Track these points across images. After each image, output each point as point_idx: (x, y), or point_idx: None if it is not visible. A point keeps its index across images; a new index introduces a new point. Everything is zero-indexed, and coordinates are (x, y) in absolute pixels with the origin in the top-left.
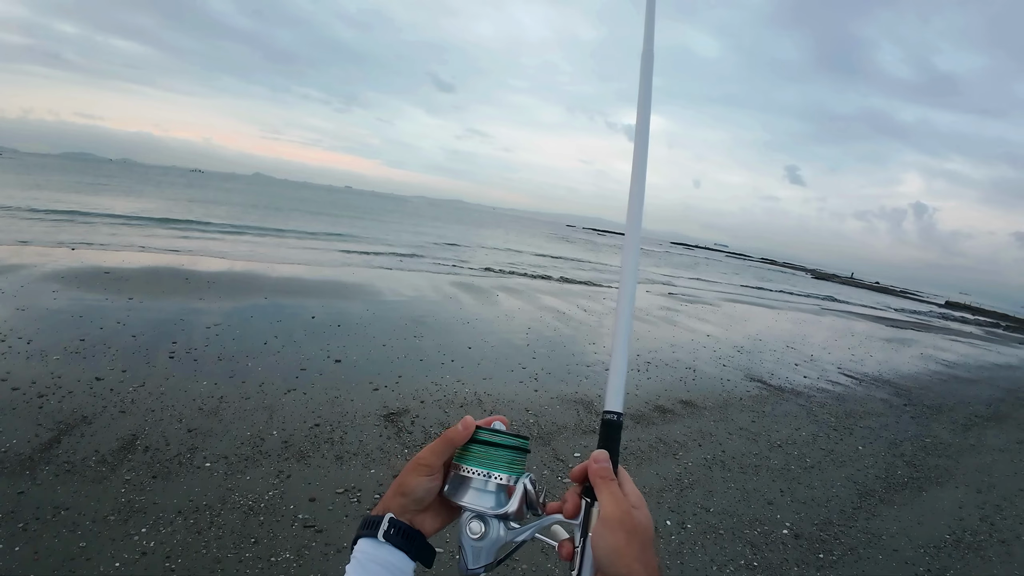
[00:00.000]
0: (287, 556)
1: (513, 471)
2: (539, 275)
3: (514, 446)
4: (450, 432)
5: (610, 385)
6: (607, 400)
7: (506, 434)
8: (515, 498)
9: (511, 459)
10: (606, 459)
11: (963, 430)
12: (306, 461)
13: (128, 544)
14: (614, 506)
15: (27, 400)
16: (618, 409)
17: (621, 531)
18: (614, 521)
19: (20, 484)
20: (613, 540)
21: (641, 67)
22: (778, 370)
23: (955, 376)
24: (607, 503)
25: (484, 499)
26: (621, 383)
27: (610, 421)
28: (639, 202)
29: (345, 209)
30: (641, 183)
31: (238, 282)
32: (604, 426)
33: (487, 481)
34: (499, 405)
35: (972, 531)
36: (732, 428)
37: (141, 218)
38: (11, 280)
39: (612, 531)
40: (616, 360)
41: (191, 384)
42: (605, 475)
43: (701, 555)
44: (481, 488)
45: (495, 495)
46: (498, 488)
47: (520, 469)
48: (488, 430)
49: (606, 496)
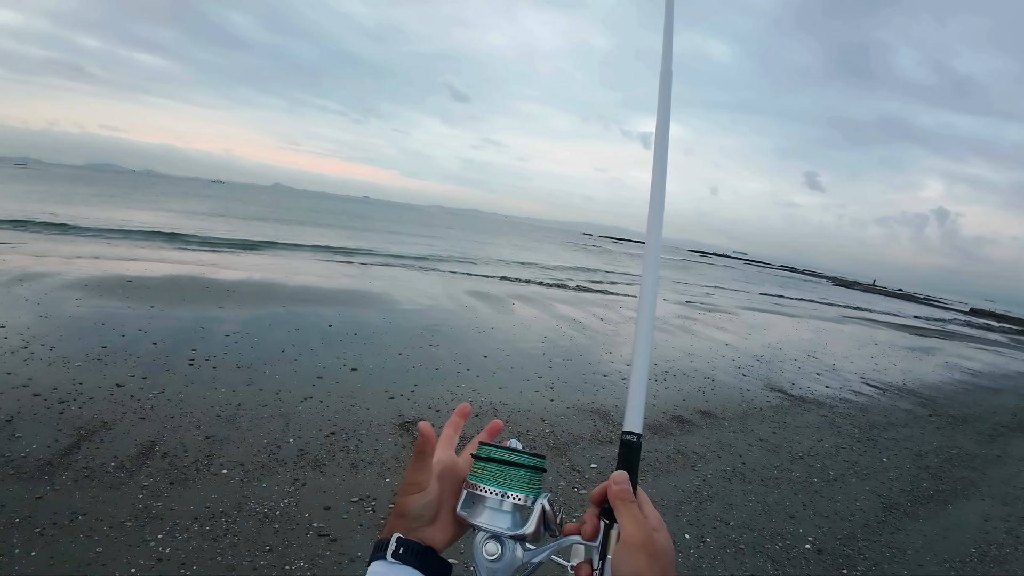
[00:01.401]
0: (301, 565)
1: (531, 491)
2: (555, 283)
3: (531, 465)
4: (417, 445)
5: (629, 405)
6: (627, 420)
7: (523, 453)
8: (532, 519)
9: (528, 479)
10: (626, 480)
11: (988, 441)
12: (321, 469)
13: (144, 550)
14: (636, 529)
15: (48, 406)
16: (637, 430)
17: (643, 554)
18: (636, 544)
19: (39, 489)
20: (635, 564)
21: (660, 85)
22: (799, 380)
23: (980, 385)
24: (628, 526)
25: (500, 519)
26: (641, 403)
27: (630, 442)
28: (658, 221)
29: (363, 220)
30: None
31: (257, 291)
32: (623, 447)
33: (503, 501)
34: (515, 415)
35: (998, 544)
36: (752, 439)
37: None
38: (35, 288)
39: (634, 554)
40: (635, 380)
41: (209, 391)
42: (626, 497)
43: (721, 570)
44: (496, 508)
45: (511, 515)
46: (514, 508)
47: (537, 489)
48: (504, 448)
49: (627, 519)
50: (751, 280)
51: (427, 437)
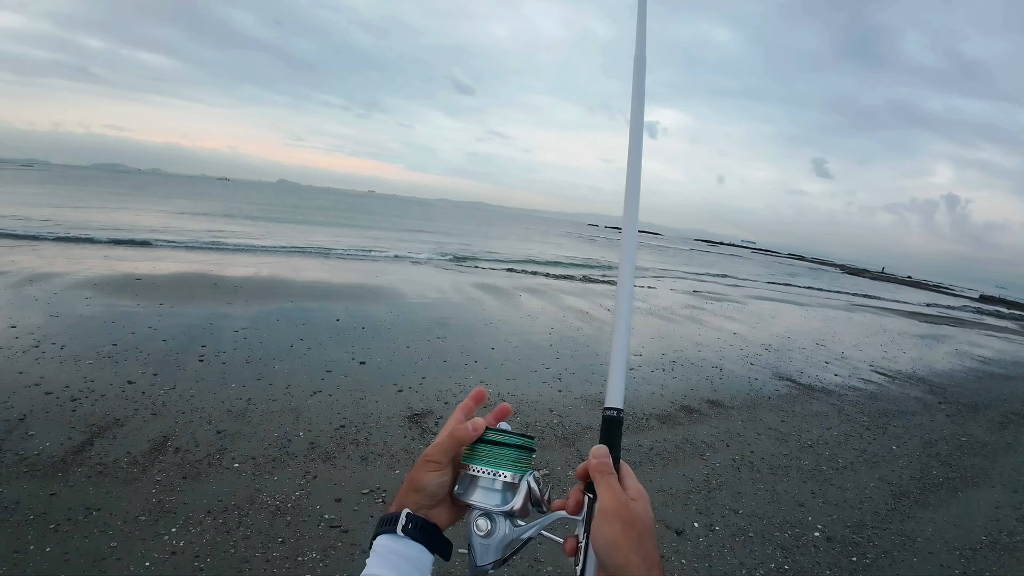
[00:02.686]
0: (313, 556)
1: (518, 469)
2: (561, 275)
3: (519, 445)
4: (459, 431)
5: (610, 381)
6: (607, 396)
7: (512, 434)
8: (519, 495)
9: (516, 458)
10: (605, 454)
11: (999, 428)
12: (332, 462)
13: (158, 544)
14: (611, 498)
15: (60, 404)
16: (618, 405)
17: (617, 522)
18: (610, 512)
19: (52, 486)
20: (610, 531)
21: (634, 71)
22: (808, 368)
23: (991, 373)
24: (605, 496)
25: (491, 497)
26: (621, 379)
27: (610, 418)
28: (635, 202)
29: (369, 214)
30: (636, 183)
31: (265, 287)
32: (605, 423)
33: (494, 480)
34: (523, 406)
35: (1008, 532)
36: (761, 428)
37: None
38: (45, 287)
39: (609, 522)
40: (616, 356)
41: (220, 387)
42: (604, 469)
43: (730, 558)
44: (488, 487)
45: (501, 493)
46: (504, 486)
47: (525, 467)
48: (495, 430)
49: (604, 489)
50: (759, 268)
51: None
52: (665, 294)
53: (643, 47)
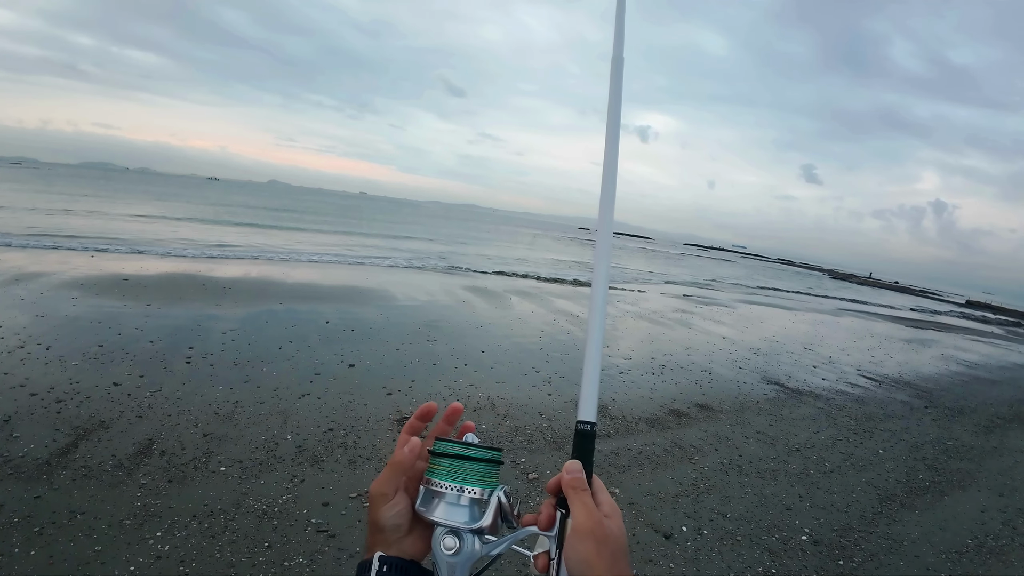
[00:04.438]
0: (300, 561)
1: (487, 484)
2: (552, 278)
3: (487, 459)
4: (396, 459)
5: (583, 395)
6: (580, 410)
7: (478, 447)
8: (489, 512)
9: (484, 472)
10: (579, 470)
11: (985, 432)
12: (320, 465)
13: (143, 548)
14: (585, 516)
15: (45, 405)
16: (591, 419)
17: (591, 541)
18: (585, 531)
19: (37, 489)
20: (584, 550)
21: (611, 72)
22: (796, 372)
23: (976, 377)
24: (579, 513)
25: (457, 513)
26: (594, 393)
27: (583, 431)
28: (610, 208)
29: (361, 217)
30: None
31: (254, 288)
32: (577, 436)
33: (460, 495)
34: (513, 409)
35: (994, 535)
36: (749, 432)
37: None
38: (31, 287)
39: (583, 541)
40: (588, 370)
41: (207, 389)
42: (577, 485)
43: (718, 562)
44: (454, 503)
45: (469, 509)
46: (471, 502)
47: (494, 482)
48: (459, 443)
49: (578, 506)
50: (748, 272)
51: (412, 455)
52: (655, 297)
53: (620, 48)
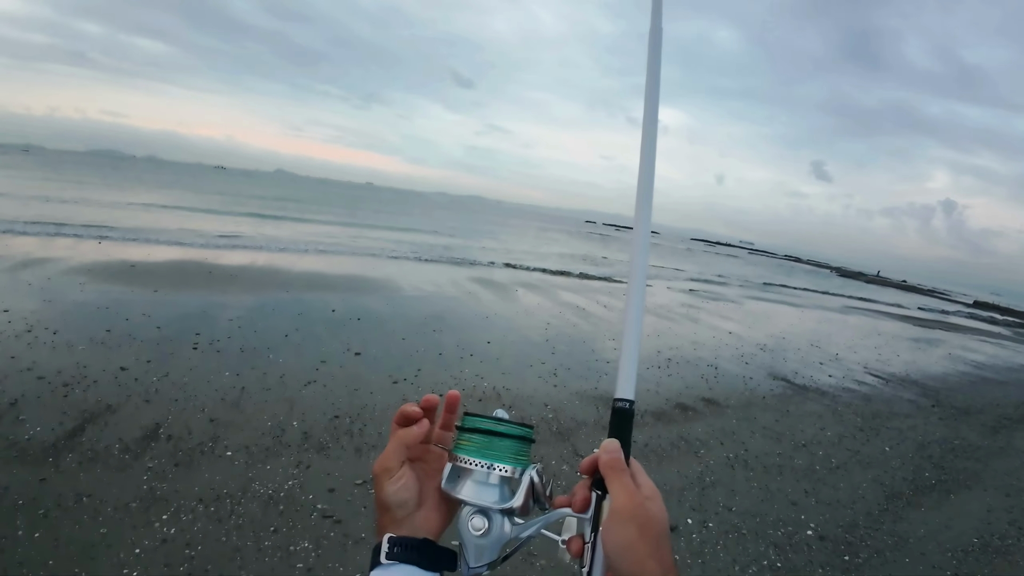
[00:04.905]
0: (306, 545)
1: (519, 462)
2: (558, 271)
3: (518, 435)
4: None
5: (621, 371)
6: (618, 387)
7: (509, 423)
8: (521, 492)
9: (516, 449)
10: (617, 449)
11: (992, 432)
12: (325, 452)
13: (149, 531)
14: (626, 498)
15: (52, 389)
16: (630, 396)
17: (633, 524)
18: (626, 514)
19: (43, 472)
20: (625, 534)
21: (649, 45)
22: (802, 369)
23: (984, 377)
24: (619, 495)
25: (487, 493)
26: (633, 369)
27: (621, 409)
28: (648, 190)
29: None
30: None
31: (260, 276)
32: (615, 414)
33: (489, 473)
34: (518, 400)
35: (1000, 535)
36: (755, 427)
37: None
38: (39, 273)
39: (624, 524)
40: (627, 345)
41: (214, 375)
42: (616, 465)
43: (723, 555)
44: (483, 481)
45: (499, 488)
46: (501, 481)
47: (526, 460)
48: (489, 418)
49: (617, 488)
50: (754, 268)
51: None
52: (662, 292)
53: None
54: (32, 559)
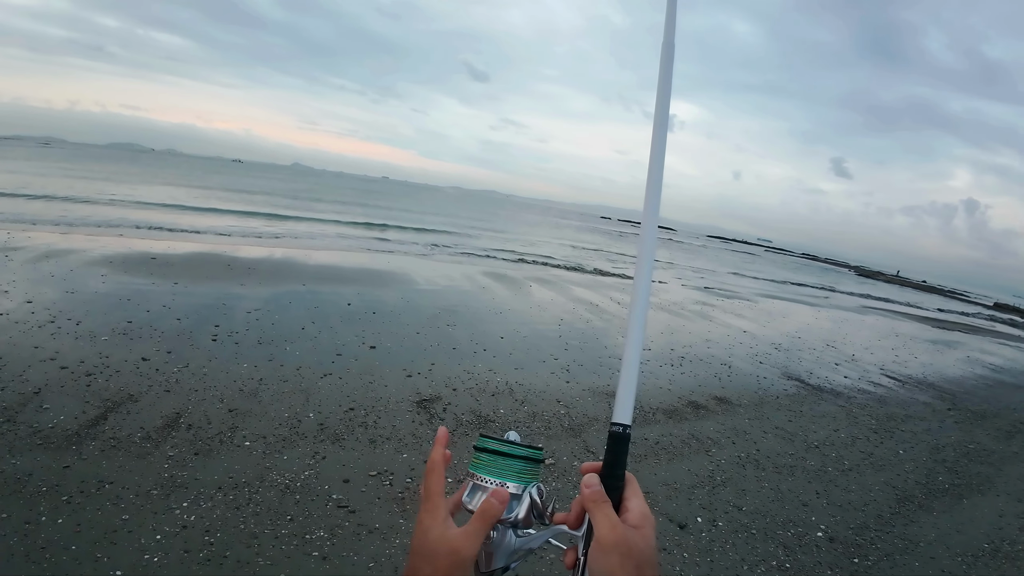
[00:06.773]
0: (321, 534)
1: (522, 480)
2: (572, 266)
3: (523, 456)
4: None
5: (619, 395)
6: (615, 411)
7: (516, 444)
8: (521, 506)
9: (520, 469)
10: (597, 483)
11: (1007, 437)
12: (341, 443)
13: (169, 517)
14: (608, 530)
15: (75, 378)
16: (625, 421)
17: (615, 554)
18: (608, 545)
19: (66, 459)
20: (607, 564)
21: (661, 57)
22: (817, 369)
23: (1001, 381)
24: (601, 526)
25: None
26: (631, 393)
27: (616, 434)
28: (655, 200)
29: (386, 199)
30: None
31: (277, 269)
32: (611, 439)
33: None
34: (530, 395)
35: (1011, 541)
36: (767, 427)
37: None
38: (61, 264)
39: (606, 555)
40: (627, 369)
41: (232, 366)
42: (597, 499)
43: (732, 554)
44: None
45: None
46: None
47: (529, 479)
48: (498, 440)
49: (600, 519)
50: (771, 267)
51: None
52: (676, 289)
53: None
54: (55, 544)
